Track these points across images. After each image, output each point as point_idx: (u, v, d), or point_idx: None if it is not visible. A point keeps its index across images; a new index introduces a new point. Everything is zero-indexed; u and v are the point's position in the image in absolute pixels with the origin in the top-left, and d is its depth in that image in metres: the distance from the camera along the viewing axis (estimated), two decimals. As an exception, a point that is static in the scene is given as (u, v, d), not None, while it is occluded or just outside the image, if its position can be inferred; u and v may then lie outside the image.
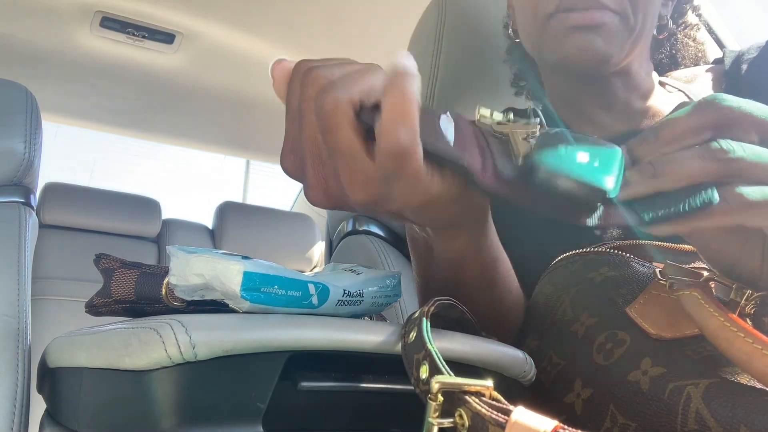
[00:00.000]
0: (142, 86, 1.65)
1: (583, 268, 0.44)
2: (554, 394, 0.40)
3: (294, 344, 0.29)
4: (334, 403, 0.33)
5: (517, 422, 0.24)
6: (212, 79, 1.63)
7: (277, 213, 2.09)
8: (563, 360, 0.41)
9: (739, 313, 0.35)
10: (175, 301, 0.35)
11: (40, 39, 1.45)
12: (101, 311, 0.38)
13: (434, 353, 0.29)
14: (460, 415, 0.26)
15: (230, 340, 0.27)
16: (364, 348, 0.32)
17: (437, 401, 0.26)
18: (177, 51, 1.52)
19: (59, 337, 0.37)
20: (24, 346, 0.55)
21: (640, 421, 0.35)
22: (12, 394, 0.51)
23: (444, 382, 0.26)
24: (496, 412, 0.25)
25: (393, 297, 0.43)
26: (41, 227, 1.69)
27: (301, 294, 0.34)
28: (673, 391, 0.34)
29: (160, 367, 0.27)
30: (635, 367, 0.36)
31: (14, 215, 0.65)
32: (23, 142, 0.67)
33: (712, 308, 0.32)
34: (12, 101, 0.68)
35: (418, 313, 0.33)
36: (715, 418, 0.32)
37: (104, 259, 0.38)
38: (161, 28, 1.44)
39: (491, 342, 0.37)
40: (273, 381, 0.29)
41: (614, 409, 0.36)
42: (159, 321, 0.28)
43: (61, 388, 0.36)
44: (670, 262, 0.39)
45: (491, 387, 0.26)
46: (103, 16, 1.39)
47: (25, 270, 0.61)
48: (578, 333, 0.41)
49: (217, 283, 0.32)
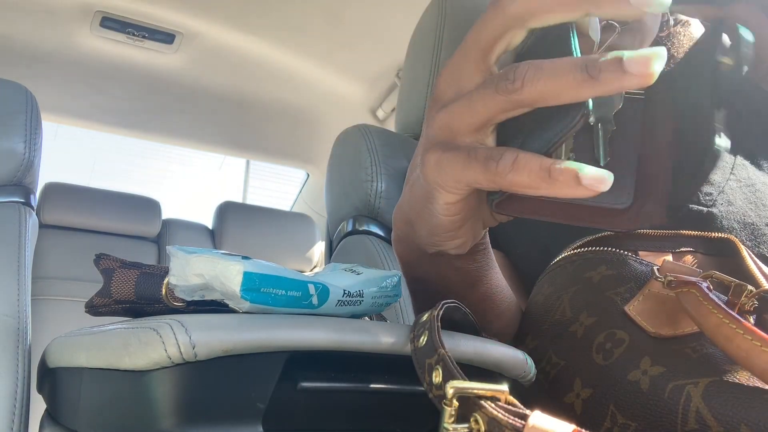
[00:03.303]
0: (142, 86, 1.65)
1: (581, 268, 0.45)
2: (554, 394, 0.40)
3: (294, 344, 0.29)
4: (334, 404, 0.33)
5: (535, 427, 0.24)
6: (212, 79, 1.63)
7: (277, 213, 2.09)
8: (562, 360, 0.41)
9: (739, 310, 0.35)
10: (175, 301, 0.35)
11: (40, 39, 1.45)
12: (101, 311, 0.38)
13: (447, 357, 0.29)
14: (475, 420, 0.26)
15: (230, 340, 0.28)
16: (365, 348, 0.32)
17: (453, 406, 0.26)
18: (177, 51, 1.52)
19: (59, 337, 0.37)
20: (24, 346, 0.55)
21: (640, 421, 0.35)
22: (12, 394, 0.51)
23: (459, 387, 0.26)
24: (512, 417, 0.24)
25: (393, 297, 0.43)
26: (41, 227, 1.69)
27: (301, 294, 0.34)
28: (673, 390, 0.34)
29: (160, 367, 0.27)
30: (635, 366, 0.36)
31: (14, 215, 0.66)
32: (23, 142, 0.67)
33: (711, 305, 0.32)
34: (12, 101, 0.68)
35: (427, 317, 0.33)
36: (716, 417, 0.32)
37: (104, 259, 0.38)
38: (161, 28, 1.44)
39: (492, 343, 0.37)
40: (273, 381, 0.29)
41: (614, 409, 0.36)
42: (159, 321, 0.28)
43: (61, 388, 0.36)
44: (667, 259, 0.39)
45: (507, 391, 0.26)
46: (103, 16, 1.40)
47: (25, 270, 0.61)
48: (577, 333, 0.41)
49: (217, 284, 0.32)
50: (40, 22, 1.40)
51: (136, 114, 1.77)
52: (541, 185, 0.27)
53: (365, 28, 1.40)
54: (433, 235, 0.36)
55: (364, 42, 1.44)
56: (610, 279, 0.42)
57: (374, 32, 1.41)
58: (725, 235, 0.43)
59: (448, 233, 0.36)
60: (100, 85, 1.63)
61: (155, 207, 1.93)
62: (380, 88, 1.58)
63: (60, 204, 1.79)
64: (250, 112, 1.76)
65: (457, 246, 0.37)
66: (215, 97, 1.70)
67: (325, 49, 1.50)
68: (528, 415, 0.24)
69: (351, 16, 1.37)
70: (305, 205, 2.20)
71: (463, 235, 0.36)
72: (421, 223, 0.36)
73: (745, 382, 0.33)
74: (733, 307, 0.35)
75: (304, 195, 2.20)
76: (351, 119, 1.19)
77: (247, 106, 1.74)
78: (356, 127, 0.84)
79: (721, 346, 0.32)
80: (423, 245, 0.39)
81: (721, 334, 0.31)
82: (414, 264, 0.42)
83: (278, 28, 1.44)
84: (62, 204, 1.79)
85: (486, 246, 0.42)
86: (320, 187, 2.00)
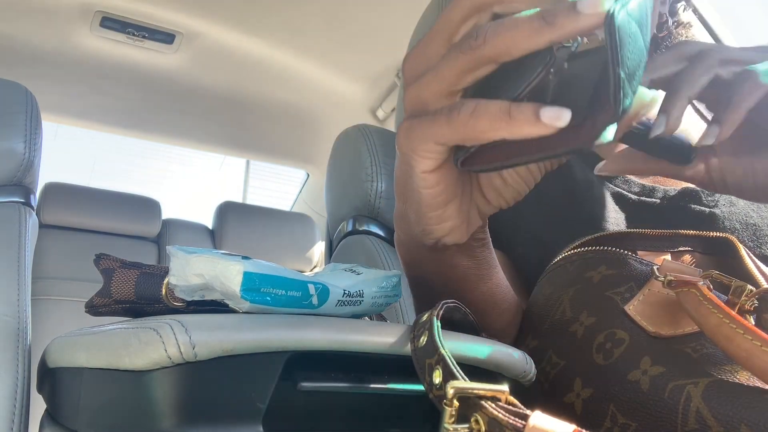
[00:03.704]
0: (142, 86, 1.65)
1: (581, 268, 0.45)
2: (554, 394, 0.40)
3: (294, 344, 0.29)
4: (334, 404, 0.33)
5: (535, 427, 0.24)
6: (212, 79, 1.63)
7: (277, 213, 2.09)
8: (563, 360, 0.41)
9: (739, 309, 0.35)
10: (175, 301, 0.35)
11: (40, 39, 1.45)
12: (101, 311, 0.38)
13: (447, 358, 0.29)
14: (476, 421, 0.26)
15: (230, 340, 0.28)
16: (365, 348, 0.32)
17: (453, 407, 0.26)
18: (177, 51, 1.52)
19: (59, 337, 0.37)
20: (24, 346, 0.55)
21: (640, 421, 0.35)
22: (12, 394, 0.51)
23: (459, 387, 0.26)
24: (513, 417, 0.24)
25: (393, 297, 0.43)
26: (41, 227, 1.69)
27: (301, 294, 0.34)
28: (673, 390, 0.34)
29: (160, 367, 0.27)
30: (635, 366, 0.36)
31: (14, 215, 0.65)
32: (23, 142, 0.67)
33: (711, 305, 0.32)
34: (12, 101, 0.68)
35: (426, 317, 0.33)
36: (716, 417, 0.32)
37: (104, 259, 0.38)
38: (161, 28, 1.44)
39: (492, 343, 0.37)
40: (273, 381, 0.29)
41: (614, 409, 0.36)
42: (159, 321, 0.28)
43: (61, 388, 0.36)
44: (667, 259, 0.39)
45: (507, 391, 0.26)
46: (103, 16, 1.39)
47: (25, 270, 0.61)
48: (577, 333, 0.41)
49: (217, 284, 0.32)
50: (40, 22, 1.40)
51: (136, 114, 1.77)
52: (501, 126, 0.28)
53: (365, 28, 1.40)
54: (421, 216, 0.36)
55: (364, 42, 1.44)
56: (610, 279, 0.42)
57: (374, 32, 1.41)
58: (724, 235, 0.43)
59: (435, 212, 0.36)
60: (100, 85, 1.63)
61: (155, 207, 1.93)
62: (380, 88, 1.58)
63: (60, 204, 1.78)
64: (250, 112, 1.76)
65: (450, 230, 0.37)
66: (215, 97, 1.70)
67: (325, 49, 1.50)
68: (528, 416, 0.24)
69: (351, 16, 1.37)
70: (305, 205, 2.20)
71: (451, 216, 0.36)
72: (409, 205, 0.37)
73: (745, 382, 0.33)
74: (733, 307, 0.35)
75: (304, 195, 2.20)
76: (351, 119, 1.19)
77: (247, 106, 1.73)
78: (356, 127, 0.84)
79: (721, 346, 0.32)
80: (418, 236, 0.38)
81: (722, 334, 0.31)
82: (415, 264, 0.42)
83: (278, 28, 1.44)
84: (62, 204, 1.79)
85: (486, 242, 0.42)
86: (320, 187, 2.00)
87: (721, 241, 0.43)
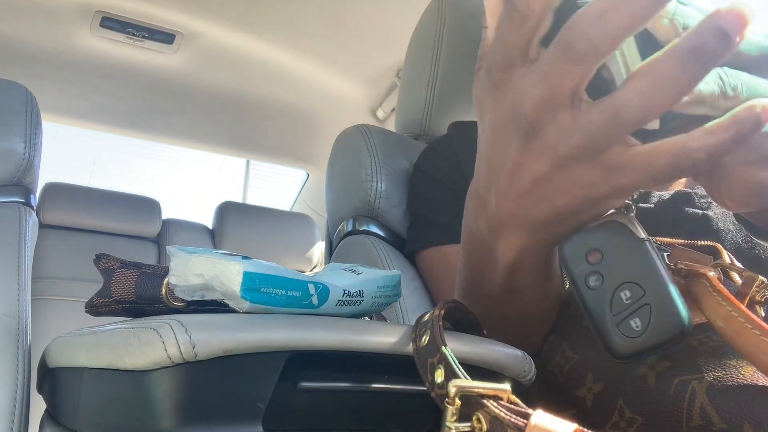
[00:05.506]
0: (142, 86, 1.65)
1: None
2: (567, 387, 0.41)
3: (294, 344, 0.29)
4: (334, 404, 0.33)
5: (537, 425, 0.24)
6: (212, 79, 1.63)
7: (277, 213, 2.09)
8: (577, 354, 0.41)
9: (749, 301, 0.35)
10: (175, 301, 0.35)
11: (40, 39, 1.45)
12: (101, 311, 0.38)
13: (449, 357, 0.29)
14: (477, 419, 0.26)
15: (230, 340, 0.27)
16: (365, 348, 0.31)
17: (455, 405, 0.26)
18: (177, 51, 1.52)
19: (59, 337, 0.37)
20: (24, 346, 0.55)
21: (646, 416, 0.35)
22: (12, 394, 0.51)
23: (461, 386, 0.26)
24: (514, 416, 0.24)
25: (393, 297, 0.43)
26: (41, 227, 1.69)
27: (301, 294, 0.34)
28: (679, 385, 0.34)
29: (160, 367, 0.27)
30: (642, 361, 0.36)
31: (14, 215, 0.65)
32: (23, 142, 0.67)
33: (721, 297, 0.32)
34: (12, 101, 0.68)
35: (428, 316, 0.33)
36: (719, 414, 0.32)
37: (104, 259, 0.38)
38: (161, 28, 1.44)
39: (492, 342, 0.37)
40: (273, 381, 0.29)
41: (623, 404, 0.36)
42: (159, 321, 0.28)
43: (61, 388, 0.36)
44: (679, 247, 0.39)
45: (509, 390, 0.26)
46: (103, 16, 1.40)
47: (25, 270, 0.61)
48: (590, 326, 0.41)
49: (217, 283, 0.32)
50: (40, 22, 1.40)
51: (136, 114, 1.77)
52: None
53: (365, 28, 1.40)
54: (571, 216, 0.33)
55: (364, 42, 1.44)
56: None
57: (374, 32, 1.41)
58: (711, 243, 0.43)
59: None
60: (100, 85, 1.63)
61: (155, 207, 1.93)
62: (380, 88, 1.58)
63: (60, 204, 1.79)
64: (251, 112, 1.76)
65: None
66: (215, 97, 1.70)
67: (325, 50, 1.50)
68: (530, 414, 0.24)
69: (351, 16, 1.37)
70: (305, 205, 2.20)
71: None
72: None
73: (750, 378, 0.33)
74: (743, 297, 0.35)
75: (304, 195, 2.20)
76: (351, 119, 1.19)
77: (248, 106, 1.74)
78: (356, 127, 0.84)
79: (729, 340, 0.32)
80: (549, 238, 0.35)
81: (730, 327, 0.31)
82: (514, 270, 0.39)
83: (278, 28, 1.44)
84: (62, 204, 1.79)
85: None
86: (320, 187, 2.00)
87: (708, 249, 0.43)
